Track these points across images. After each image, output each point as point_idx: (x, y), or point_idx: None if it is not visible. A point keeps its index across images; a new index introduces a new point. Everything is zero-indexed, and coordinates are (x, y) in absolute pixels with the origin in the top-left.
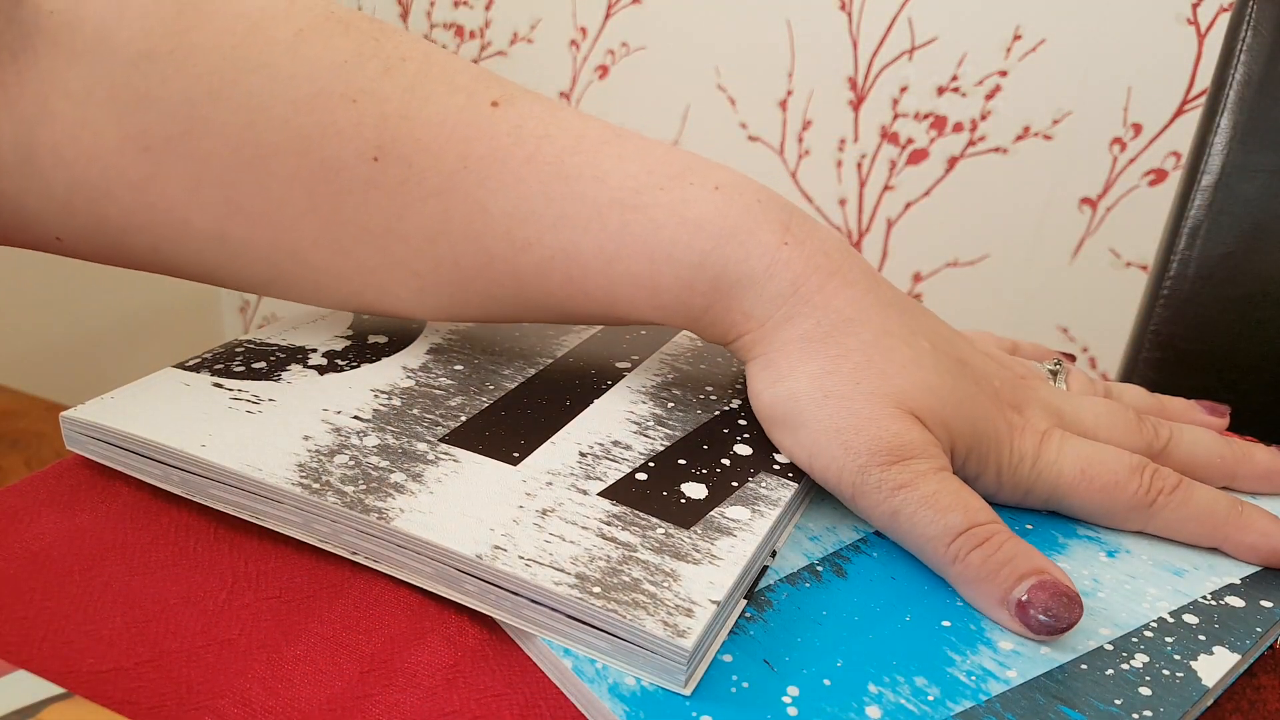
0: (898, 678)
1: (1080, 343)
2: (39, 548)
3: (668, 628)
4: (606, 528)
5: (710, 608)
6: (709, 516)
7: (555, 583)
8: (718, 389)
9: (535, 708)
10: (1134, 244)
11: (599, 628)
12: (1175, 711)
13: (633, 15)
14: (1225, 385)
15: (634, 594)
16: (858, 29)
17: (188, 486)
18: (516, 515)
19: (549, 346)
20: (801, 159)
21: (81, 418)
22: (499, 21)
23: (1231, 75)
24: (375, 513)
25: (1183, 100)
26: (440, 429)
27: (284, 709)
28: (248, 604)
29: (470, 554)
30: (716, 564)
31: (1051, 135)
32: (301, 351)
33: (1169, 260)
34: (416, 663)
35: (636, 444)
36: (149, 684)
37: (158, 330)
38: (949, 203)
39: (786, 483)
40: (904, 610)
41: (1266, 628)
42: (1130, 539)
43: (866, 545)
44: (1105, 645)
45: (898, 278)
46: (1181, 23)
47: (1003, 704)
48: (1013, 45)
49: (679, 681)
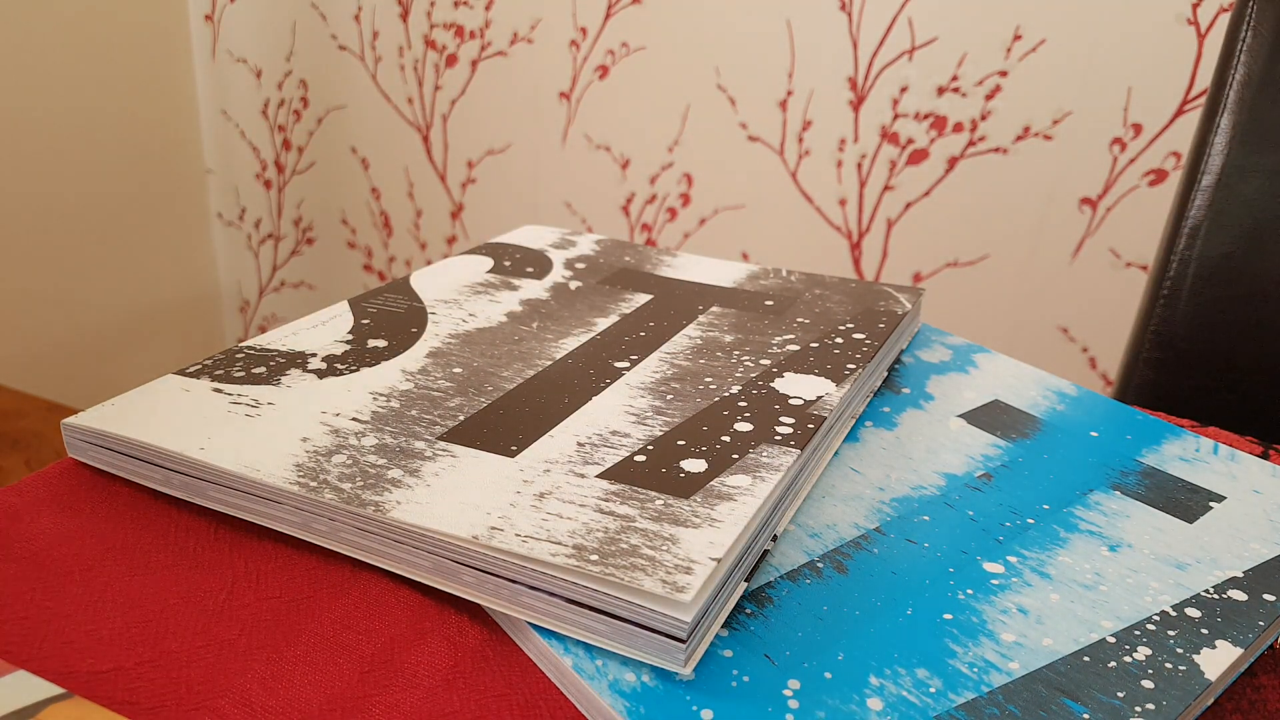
0: (899, 670)
1: (1080, 343)
2: (39, 548)
3: (666, 585)
4: (604, 504)
5: (710, 564)
6: (709, 486)
7: (552, 554)
8: (717, 379)
9: (535, 708)
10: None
11: (597, 609)
12: (1178, 705)
13: (633, 15)
14: (1225, 385)
15: (632, 559)
16: (858, 29)
17: (188, 489)
18: (514, 500)
19: (548, 349)
20: (801, 159)
21: (83, 424)
22: (499, 21)
23: (1231, 75)
24: (373, 505)
25: (1183, 100)
26: (438, 428)
27: (284, 709)
28: (248, 604)
29: (467, 535)
30: (716, 526)
31: (1051, 135)
32: (301, 356)
33: (1169, 260)
34: (416, 663)
35: (635, 432)
36: (149, 684)
37: (158, 330)
38: (949, 203)
39: (789, 449)
40: (905, 604)
41: (1269, 622)
42: (1133, 534)
43: (867, 542)
44: (1107, 638)
45: (898, 277)
46: (1181, 23)
47: (1005, 695)
48: (1013, 45)
49: (679, 661)
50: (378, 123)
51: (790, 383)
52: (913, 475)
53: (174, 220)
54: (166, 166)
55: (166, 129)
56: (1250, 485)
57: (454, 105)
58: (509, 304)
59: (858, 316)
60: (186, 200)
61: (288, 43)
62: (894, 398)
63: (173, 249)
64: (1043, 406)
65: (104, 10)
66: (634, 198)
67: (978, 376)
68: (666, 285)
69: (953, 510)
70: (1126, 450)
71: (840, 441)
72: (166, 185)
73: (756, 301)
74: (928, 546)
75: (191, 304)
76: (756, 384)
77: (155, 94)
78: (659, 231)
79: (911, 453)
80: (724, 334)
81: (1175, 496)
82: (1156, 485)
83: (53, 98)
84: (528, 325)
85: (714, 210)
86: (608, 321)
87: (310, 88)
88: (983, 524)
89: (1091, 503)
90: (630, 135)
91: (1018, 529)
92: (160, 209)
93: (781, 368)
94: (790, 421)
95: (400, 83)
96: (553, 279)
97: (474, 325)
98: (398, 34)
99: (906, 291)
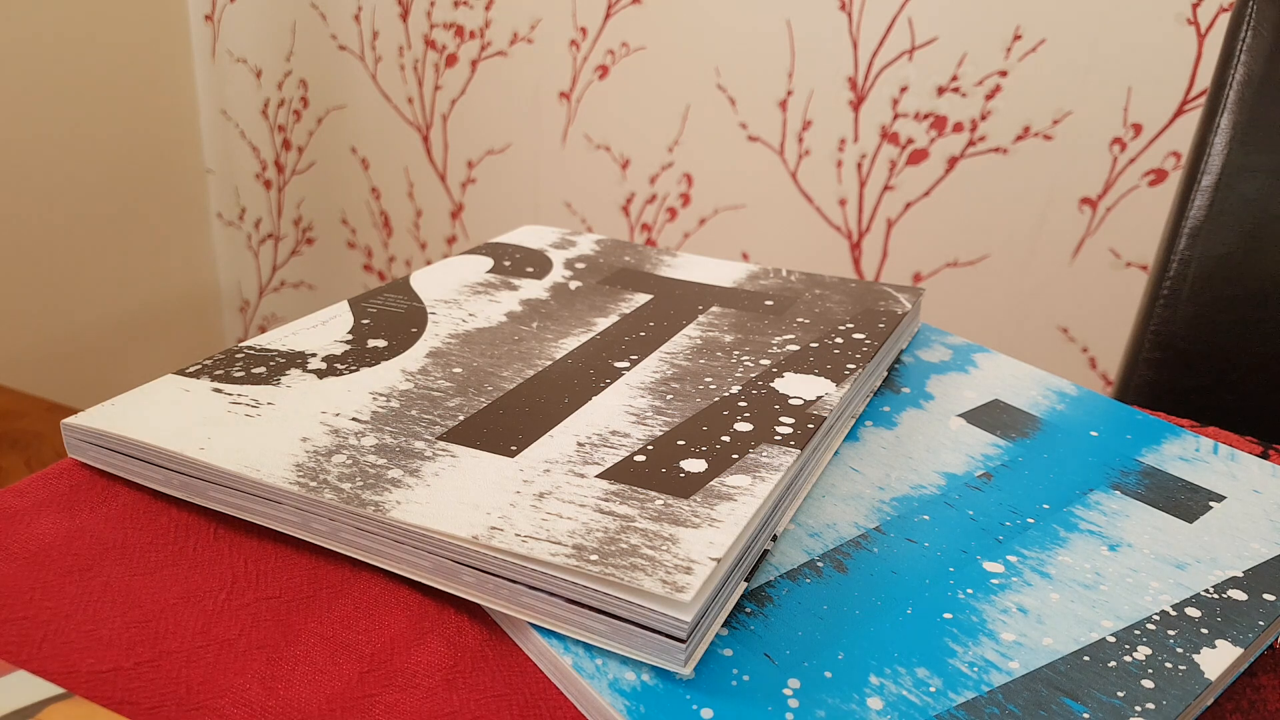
0: (899, 669)
1: (1080, 343)
2: (39, 548)
3: (666, 585)
4: (604, 504)
5: (710, 564)
6: (709, 486)
7: (552, 554)
8: (717, 379)
9: (535, 708)
10: (1134, 244)
11: (597, 609)
12: (1178, 704)
13: (633, 15)
14: (1225, 385)
15: (632, 559)
16: (858, 29)
17: (188, 489)
18: (514, 500)
19: (548, 349)
20: (801, 159)
21: (83, 424)
22: (499, 21)
23: (1231, 75)
24: (372, 505)
25: (1183, 100)
26: (438, 428)
27: (284, 709)
28: (248, 604)
29: (467, 535)
30: (716, 526)
31: (1051, 135)
32: (301, 356)
33: (1169, 260)
34: (416, 663)
35: (635, 432)
36: (149, 684)
37: (158, 330)
38: (949, 203)
39: (789, 449)
40: (905, 603)
41: (1269, 621)
42: (1133, 533)
43: (867, 541)
44: (1108, 637)
45: (898, 277)
46: (1181, 23)
47: (1005, 695)
48: (1013, 45)
49: (679, 660)
50: (378, 123)
51: (790, 383)
52: (913, 475)
53: (174, 220)
54: (166, 166)
55: (166, 129)
56: (1250, 485)
57: (454, 105)
58: (509, 304)
59: (858, 316)
60: (186, 200)
61: (288, 43)
62: (894, 397)
63: (173, 249)
64: (1043, 406)
65: (104, 10)
66: (634, 198)
67: (978, 376)
68: (666, 285)
69: (953, 510)
70: (1126, 450)
71: (840, 441)
72: (166, 185)
73: (756, 301)
74: (928, 546)
75: (191, 304)
76: (756, 384)
77: (155, 94)
78: (659, 231)
79: (911, 452)
80: (724, 334)
81: (1175, 496)
82: (1156, 485)
83: (53, 98)
84: (528, 325)
85: (714, 210)
86: (608, 321)
87: (310, 88)
88: (983, 523)
89: (1091, 502)
90: (630, 135)
91: (1018, 528)
92: (160, 209)
93: (781, 368)
94: (790, 421)
95: (400, 83)
96: (553, 279)
97: (474, 325)
98: (398, 34)
99: (906, 291)
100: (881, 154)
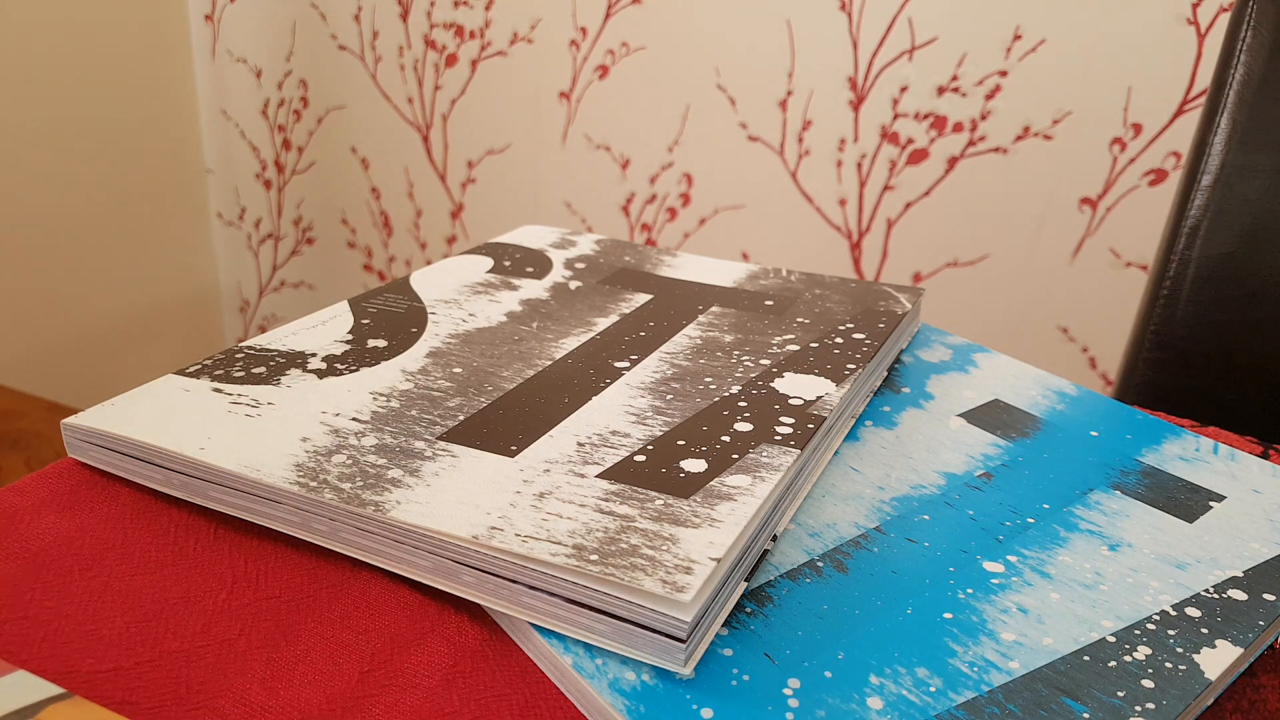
0: (899, 669)
1: (1080, 343)
2: (39, 548)
3: (666, 585)
4: (604, 504)
5: (709, 564)
6: (709, 486)
7: (552, 554)
8: (717, 379)
9: (535, 708)
10: (1134, 244)
11: (597, 609)
12: (1178, 704)
13: (633, 15)
14: (1225, 385)
15: (632, 559)
16: (858, 29)
17: (188, 489)
18: (514, 500)
19: (548, 349)
20: (801, 159)
21: (83, 424)
22: (499, 21)
23: (1231, 75)
24: (372, 505)
25: (1183, 100)
26: (438, 428)
27: (284, 709)
28: (247, 604)
29: (467, 535)
30: (716, 526)
31: (1051, 135)
32: (301, 356)
33: (1169, 260)
34: (416, 663)
35: (635, 432)
36: (149, 684)
37: (158, 330)
38: (949, 203)
39: (789, 449)
40: (905, 603)
41: (1269, 621)
42: (1133, 533)
43: (867, 541)
44: (1108, 637)
45: (898, 277)
46: (1181, 23)
47: (1005, 695)
48: (1013, 45)
49: (679, 660)
50: (378, 123)
51: (790, 383)
52: (913, 474)
53: (174, 220)
54: (166, 166)
55: (166, 129)
56: (1250, 485)
57: (454, 105)
58: (509, 304)
59: (858, 316)
60: (186, 200)
61: (287, 43)
62: (894, 397)
63: (173, 249)
64: (1043, 406)
65: (104, 10)
66: (634, 198)
67: (978, 376)
68: (666, 285)
69: (953, 509)
70: (1126, 450)
71: (840, 441)
72: (166, 185)
73: (756, 301)
74: (928, 545)
75: (191, 304)
76: (756, 384)
77: (155, 94)
78: (659, 231)
79: (911, 452)
80: (724, 334)
81: (1175, 496)
82: (1156, 485)
83: (53, 98)
84: (527, 325)
85: (714, 210)
86: (607, 321)
87: (310, 88)
88: (983, 523)
89: (1091, 502)
90: (630, 135)
91: (1018, 528)
92: (160, 209)
93: (781, 368)
94: (790, 421)
95: (400, 83)
96: (552, 279)
97: (474, 325)
98: (398, 34)
99: (906, 291)
100: (881, 154)
